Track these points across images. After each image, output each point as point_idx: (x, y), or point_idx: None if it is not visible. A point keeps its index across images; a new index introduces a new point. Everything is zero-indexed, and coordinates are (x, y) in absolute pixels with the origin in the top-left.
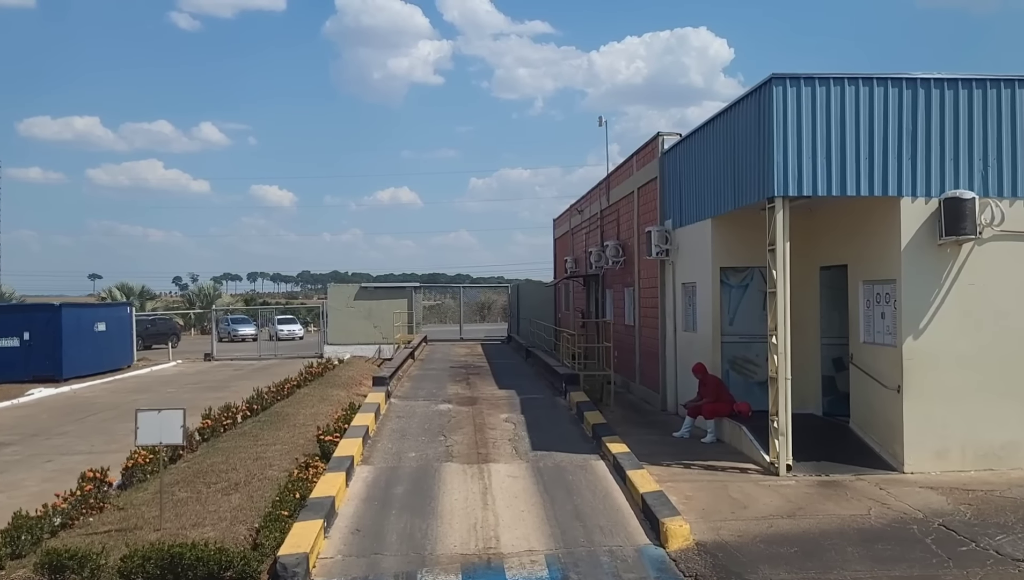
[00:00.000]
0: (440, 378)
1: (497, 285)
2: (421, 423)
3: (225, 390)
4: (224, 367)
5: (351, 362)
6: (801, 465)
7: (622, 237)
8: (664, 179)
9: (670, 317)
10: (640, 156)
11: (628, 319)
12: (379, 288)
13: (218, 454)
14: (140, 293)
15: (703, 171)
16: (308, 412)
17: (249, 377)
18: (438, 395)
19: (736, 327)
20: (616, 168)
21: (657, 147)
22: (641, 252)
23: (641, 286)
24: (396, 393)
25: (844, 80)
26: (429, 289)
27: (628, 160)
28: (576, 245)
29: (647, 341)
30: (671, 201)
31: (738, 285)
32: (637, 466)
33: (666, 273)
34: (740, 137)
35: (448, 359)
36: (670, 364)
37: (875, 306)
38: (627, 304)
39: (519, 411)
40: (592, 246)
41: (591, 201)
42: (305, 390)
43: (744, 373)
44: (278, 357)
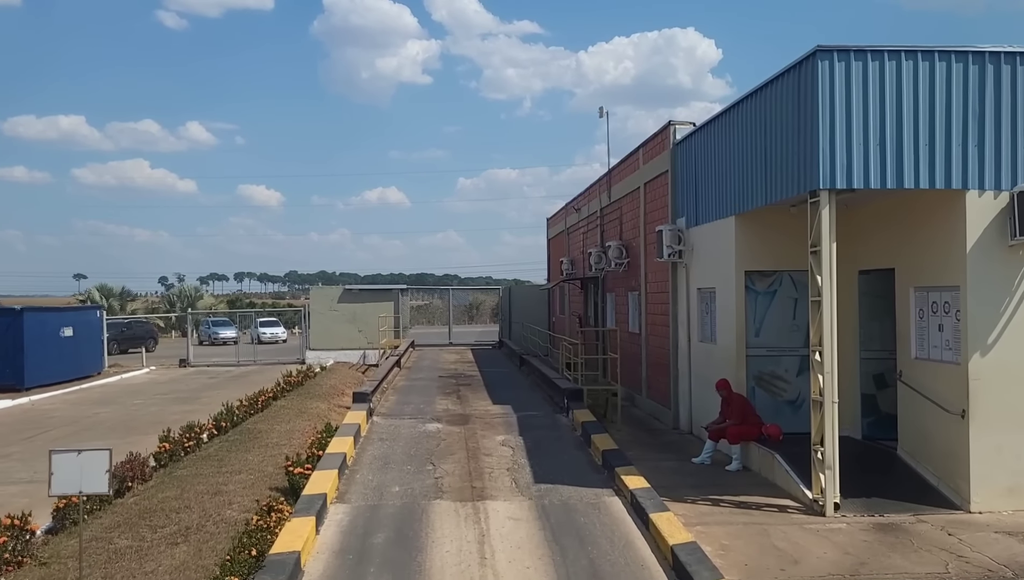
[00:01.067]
0: (428, 390)
1: (486, 286)
2: (407, 447)
3: (196, 402)
4: (199, 374)
5: (334, 369)
6: (849, 502)
7: (625, 237)
8: (676, 173)
9: (683, 326)
10: (648, 148)
11: (633, 326)
12: (364, 290)
13: (173, 485)
14: (120, 294)
15: (725, 163)
16: (283, 429)
17: (224, 386)
18: (426, 412)
19: (763, 338)
20: (619, 162)
21: (668, 138)
22: (649, 253)
23: (648, 291)
24: (380, 409)
25: (900, 53)
26: (417, 290)
27: (633, 153)
28: (573, 245)
29: (655, 351)
30: (685, 197)
31: (765, 291)
32: (660, 507)
33: (678, 277)
34: (775, 122)
35: (437, 367)
36: (683, 378)
37: (930, 316)
38: (632, 310)
39: (517, 432)
40: (591, 247)
41: (590, 198)
42: (282, 402)
43: (772, 390)
44: (257, 363)
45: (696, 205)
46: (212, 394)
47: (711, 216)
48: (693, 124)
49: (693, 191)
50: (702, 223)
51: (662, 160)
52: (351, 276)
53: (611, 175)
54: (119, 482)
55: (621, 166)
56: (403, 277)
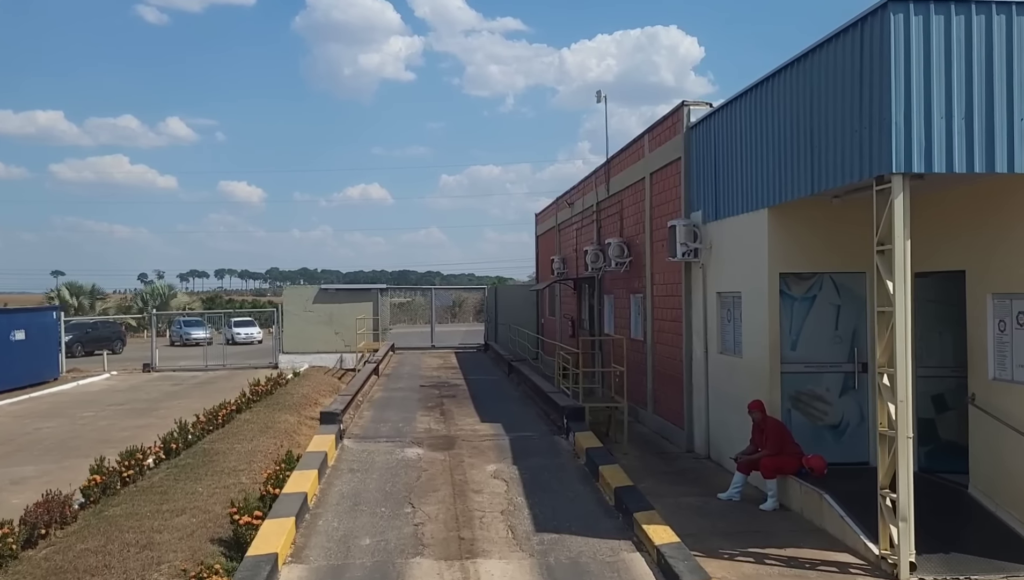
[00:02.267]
0: (408, 403)
1: (470, 286)
2: (381, 482)
3: (153, 414)
4: (163, 381)
5: (308, 374)
6: (924, 559)
7: (627, 234)
8: (691, 160)
9: (699, 335)
10: (655, 134)
11: (636, 332)
12: (341, 290)
13: (98, 532)
14: (91, 292)
15: (756, 146)
16: (244, 449)
17: (187, 394)
18: (405, 432)
19: (800, 352)
20: (620, 151)
21: (680, 120)
22: (656, 252)
23: (655, 294)
24: (352, 430)
25: (992, 5)
26: (399, 287)
27: (637, 140)
28: (565, 243)
29: (664, 361)
30: (702, 188)
31: (802, 297)
32: (696, 571)
33: (693, 279)
34: (826, 93)
35: (418, 374)
36: (698, 394)
37: (1015, 330)
38: (635, 314)
39: (510, 460)
40: (587, 244)
41: (584, 192)
42: (246, 416)
43: (810, 413)
44: (227, 367)
45: (716, 197)
46: (172, 404)
47: (736, 209)
48: (710, 104)
49: (712, 181)
50: (724, 217)
51: (673, 146)
52: (333, 273)
53: (610, 166)
54: (30, 529)
55: (622, 155)
56: (385, 274)
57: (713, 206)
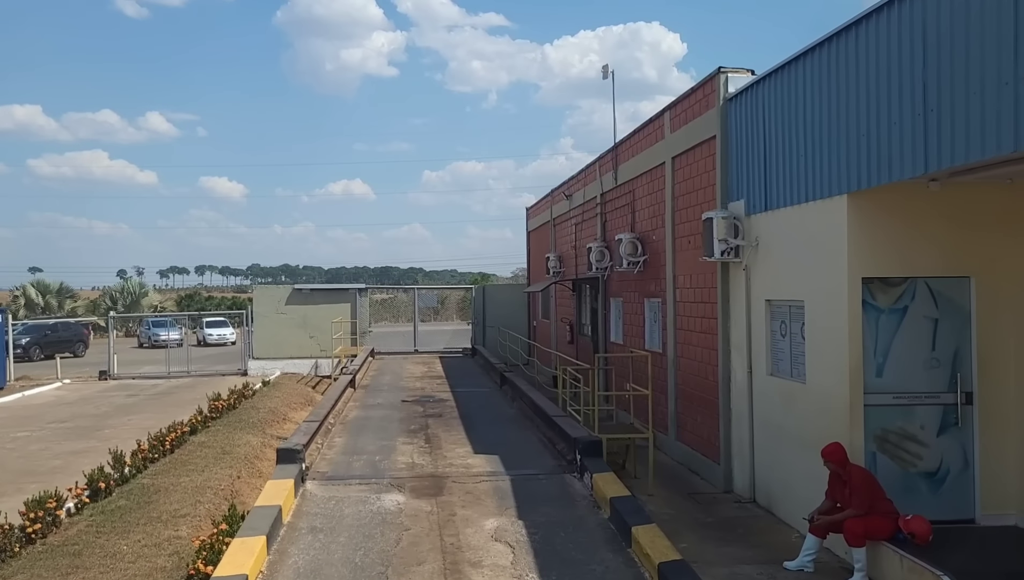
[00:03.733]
0: (388, 426)
1: (455, 286)
2: (350, 548)
3: (97, 434)
4: (119, 390)
5: (278, 384)
6: None
7: (641, 228)
8: (730, 139)
9: (739, 351)
10: (679, 110)
11: (652, 343)
12: (316, 290)
13: None
14: (58, 291)
15: (830, 114)
16: (192, 484)
17: (143, 407)
18: (383, 469)
19: (888, 379)
20: (631, 133)
21: (715, 92)
22: (681, 249)
23: (679, 299)
24: (319, 465)
25: None
26: (380, 287)
27: (655, 119)
28: (561, 239)
29: (691, 381)
30: (744, 172)
31: (891, 309)
32: None
33: (732, 282)
34: (953, 31)
35: (400, 385)
36: (739, 423)
37: None
38: (651, 322)
39: (514, 510)
40: (589, 240)
41: (585, 182)
42: (201, 438)
43: (900, 457)
44: (191, 374)
45: (766, 182)
46: (123, 421)
47: (796, 196)
48: (751, 72)
49: (761, 163)
50: (777, 207)
51: (704, 123)
52: (315, 269)
53: (617, 151)
54: None
55: (634, 138)
56: (367, 270)
57: (761, 194)
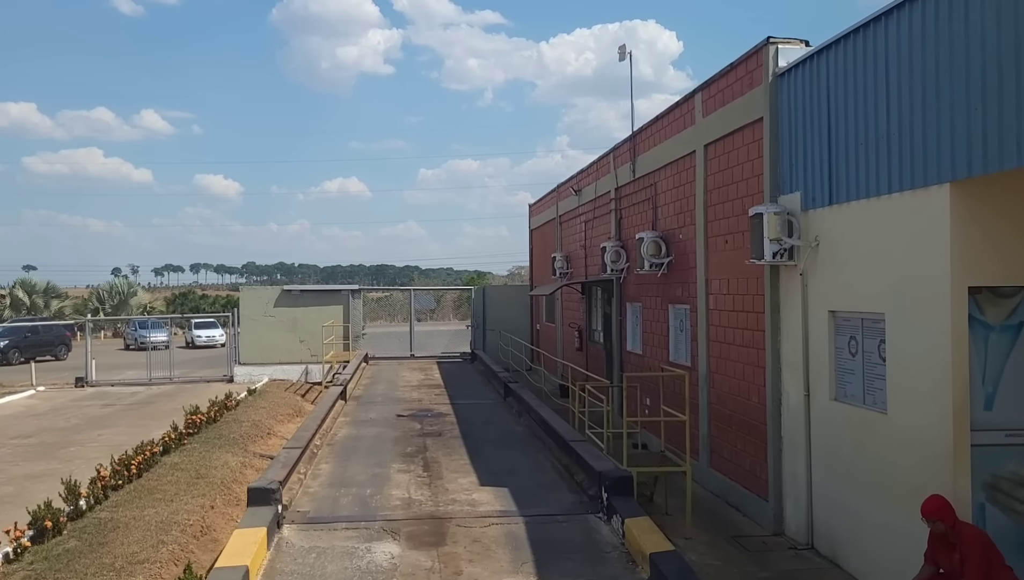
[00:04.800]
0: (381, 448)
1: (453, 287)
2: None
3: (61, 453)
4: (95, 399)
5: (265, 392)
6: None
7: (664, 226)
8: (782, 121)
9: (793, 370)
10: (714, 91)
11: (679, 355)
12: (306, 292)
13: None
14: (45, 290)
15: (922, 85)
16: (156, 519)
17: (118, 419)
18: (374, 508)
19: (1000, 413)
20: (654, 120)
21: (761, 67)
22: (715, 249)
23: (714, 307)
24: (300, 502)
25: None
26: (377, 281)
27: (683, 102)
28: (568, 238)
29: (730, 401)
30: (801, 159)
31: (1002, 326)
32: None
33: (784, 289)
34: None
35: (395, 396)
36: (793, 454)
37: None
38: (676, 331)
39: (532, 568)
40: (603, 239)
41: (597, 175)
42: (175, 457)
43: (1015, 510)
44: (174, 380)
45: (831, 171)
46: (92, 437)
47: (876, 186)
48: (806, 42)
49: (823, 147)
50: (846, 200)
51: (747, 104)
52: (310, 267)
53: (635, 141)
54: None
55: (656, 126)
56: (363, 268)
57: (823, 185)
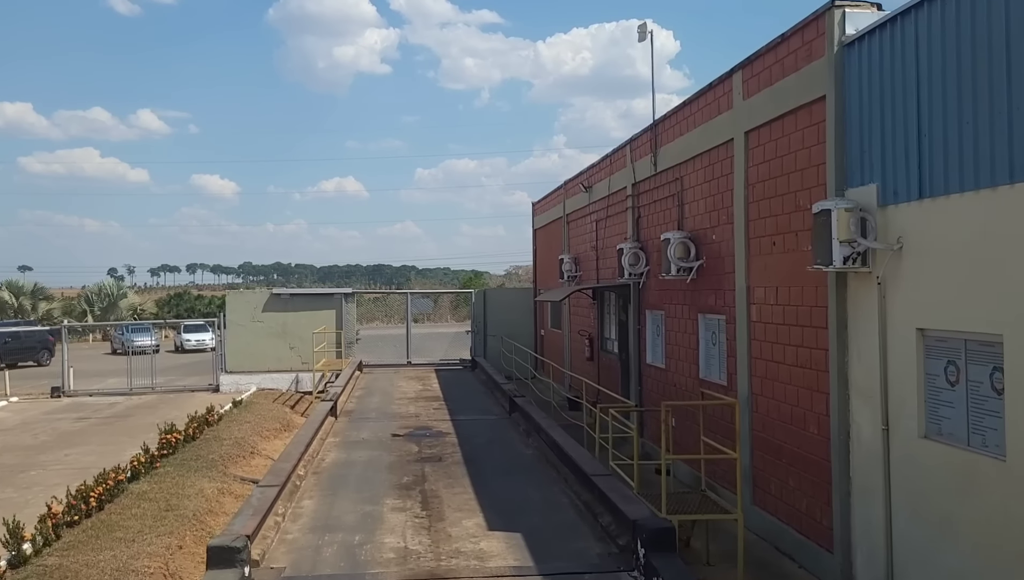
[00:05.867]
0: (373, 480)
1: (451, 289)
2: None
3: (21, 477)
4: (70, 411)
5: (251, 403)
6: None
7: (693, 226)
8: (850, 99)
9: (866, 398)
10: (760, 68)
11: (710, 372)
12: (296, 295)
13: None
14: (33, 292)
15: None
16: (114, 564)
17: (91, 435)
18: (363, 564)
19: None
20: (680, 106)
21: (824, 36)
22: (759, 251)
23: (757, 318)
24: (274, 555)
25: None
26: (374, 281)
27: (718, 84)
28: (577, 238)
29: (779, 430)
30: (879, 145)
31: None
32: None
33: (855, 300)
34: None
35: (390, 411)
36: (867, 499)
37: None
38: (706, 344)
39: None
40: (618, 240)
41: (611, 170)
42: (144, 485)
43: None
44: (156, 390)
45: (921, 157)
46: (59, 457)
47: (991, 175)
48: (877, 5)
49: (910, 128)
50: (944, 193)
51: (804, 81)
52: (307, 267)
53: (657, 131)
54: None
55: (684, 112)
56: (360, 268)
57: (910, 174)
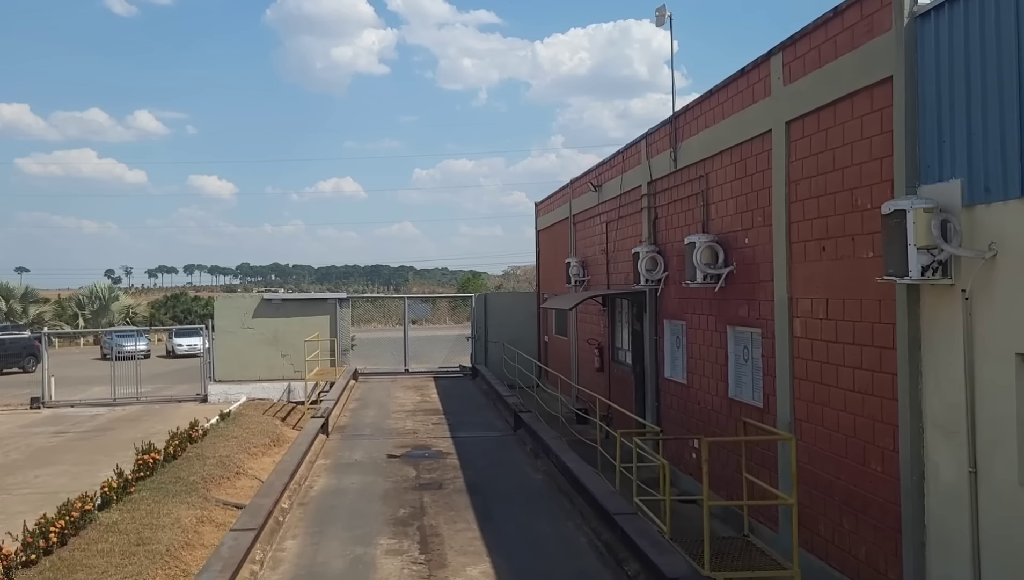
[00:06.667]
0: (365, 513)
1: (450, 294)
2: None
3: None
4: (48, 424)
5: (240, 416)
6: None
7: (721, 228)
8: (924, 81)
9: (946, 434)
10: (806, 47)
11: (741, 391)
12: (289, 301)
13: None
14: (23, 296)
15: None
16: None
17: (66, 452)
18: None
19: None
20: (706, 95)
21: (890, 6)
22: (803, 257)
23: (803, 334)
24: None
25: None
26: (372, 282)
27: (751, 68)
28: (585, 241)
29: (830, 463)
30: (962, 133)
31: None
32: None
33: (931, 317)
34: None
35: (386, 427)
36: (950, 554)
37: None
38: (737, 361)
39: None
40: (630, 242)
41: (623, 167)
42: (115, 514)
43: None
44: (141, 400)
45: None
46: (29, 478)
47: None
48: None
49: (1009, 114)
50: None
51: (864, 60)
52: (304, 268)
53: (677, 123)
54: None
55: (711, 101)
56: (358, 269)
57: (1008, 167)
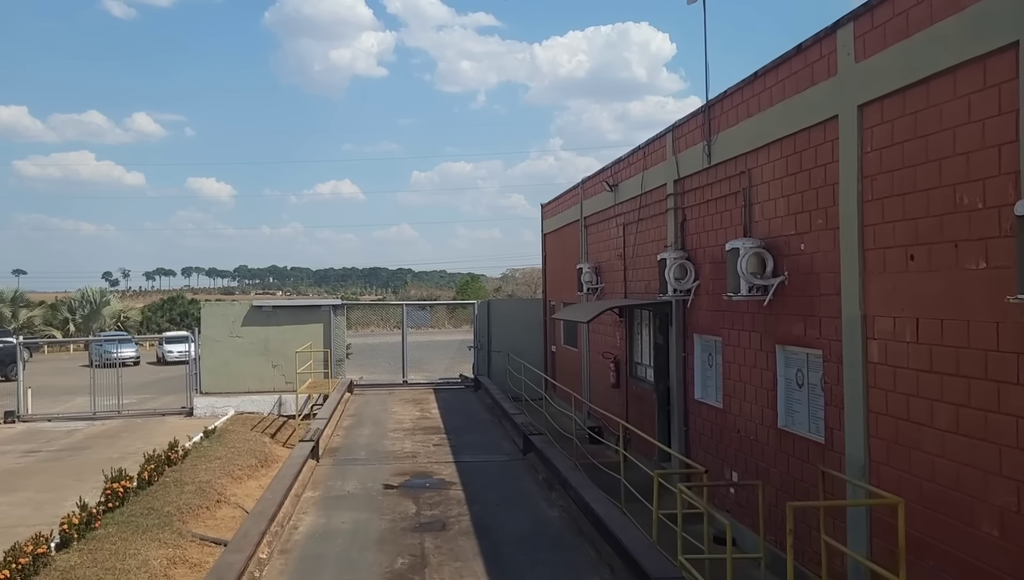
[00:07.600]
0: (356, 565)
1: (453, 301)
2: None
3: None
4: (20, 441)
5: (226, 432)
6: None
7: (767, 231)
8: None
9: None
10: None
11: (794, 421)
12: (280, 308)
13: None
14: (13, 300)
15: None
16: None
17: (34, 476)
18: None
19: None
20: (746, 82)
21: None
22: (883, 268)
23: (880, 359)
24: None
25: None
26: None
27: (810, 44)
28: (598, 245)
29: (924, 521)
30: None
31: None
32: None
33: None
34: None
35: (382, 450)
36: None
37: None
38: (787, 386)
39: None
40: (653, 247)
41: (644, 164)
42: (74, 556)
43: None
44: (122, 414)
45: None
46: None
47: None
48: None
49: None
50: None
51: (969, 26)
52: (303, 270)
53: (711, 114)
54: None
55: (751, 87)
56: (356, 271)
57: None
